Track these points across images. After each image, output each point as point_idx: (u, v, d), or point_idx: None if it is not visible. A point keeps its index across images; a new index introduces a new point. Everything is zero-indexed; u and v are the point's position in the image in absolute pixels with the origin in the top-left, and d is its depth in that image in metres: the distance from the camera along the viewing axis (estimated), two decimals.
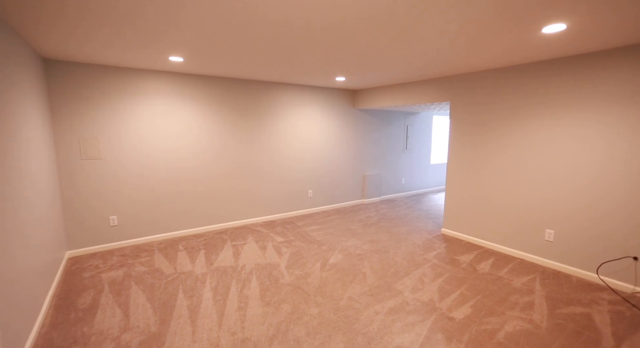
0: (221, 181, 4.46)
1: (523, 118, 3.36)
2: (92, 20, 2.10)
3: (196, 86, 4.11)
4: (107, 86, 3.55)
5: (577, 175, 3.00)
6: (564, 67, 3.02)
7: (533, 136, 3.30)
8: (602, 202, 2.85)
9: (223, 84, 4.31)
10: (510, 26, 2.18)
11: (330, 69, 3.70)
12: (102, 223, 3.67)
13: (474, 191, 3.92)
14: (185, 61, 3.33)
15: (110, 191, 3.68)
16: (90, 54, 3.00)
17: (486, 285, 2.89)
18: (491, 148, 3.69)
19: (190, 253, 3.64)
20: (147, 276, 3.07)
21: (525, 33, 2.32)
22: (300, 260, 3.48)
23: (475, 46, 2.66)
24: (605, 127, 2.80)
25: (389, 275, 3.10)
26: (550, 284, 2.90)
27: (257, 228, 4.57)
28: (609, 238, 2.83)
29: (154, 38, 2.50)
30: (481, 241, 3.89)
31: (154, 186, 3.95)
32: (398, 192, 6.75)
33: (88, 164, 3.54)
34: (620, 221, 2.75)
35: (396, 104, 4.85)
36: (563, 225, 3.13)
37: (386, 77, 4.27)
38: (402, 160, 6.71)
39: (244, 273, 3.15)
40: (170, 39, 2.53)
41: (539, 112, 3.23)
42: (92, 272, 3.14)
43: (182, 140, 4.08)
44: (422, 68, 3.61)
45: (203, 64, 3.44)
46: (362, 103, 5.54)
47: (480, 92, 3.73)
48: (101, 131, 3.56)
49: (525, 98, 3.32)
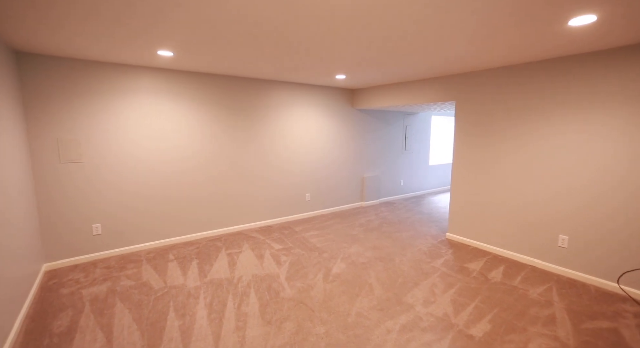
0: (214, 185, 4.19)
1: (535, 118, 3.20)
2: (66, 6, 1.83)
3: (187, 84, 3.84)
4: (90, 82, 3.24)
5: (596, 179, 2.85)
6: (584, 64, 2.86)
7: (546, 137, 3.14)
8: (624, 208, 2.71)
9: (216, 82, 4.05)
10: (534, 19, 1.99)
11: (331, 65, 3.47)
12: (84, 231, 3.37)
13: (481, 195, 3.76)
14: (175, 56, 3.06)
15: (93, 197, 3.38)
16: (67, 46, 2.70)
17: (501, 296, 2.71)
18: (500, 149, 3.53)
19: (182, 264, 3.36)
20: (133, 291, 2.79)
21: (549, 26, 2.14)
22: (301, 270, 3.24)
23: (493, 41, 2.48)
24: (633, 128, 2.65)
25: (397, 286, 2.90)
26: (569, 294, 2.74)
27: (253, 235, 4.31)
28: (631, 245, 2.69)
29: (140, 28, 2.23)
30: (489, 246, 3.73)
31: (142, 190, 3.66)
32: (397, 194, 6.58)
33: (67, 168, 3.23)
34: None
35: (398, 103, 4.66)
36: (578, 230, 2.98)
37: (389, 76, 4.07)
38: (400, 161, 6.53)
39: (240, 286, 2.90)
40: (158, 30, 2.27)
41: (553, 112, 3.07)
42: (72, 288, 2.84)
43: (171, 141, 3.80)
44: (429, 66, 3.42)
45: (194, 59, 3.17)
46: (361, 103, 5.34)
47: (489, 91, 3.57)
48: (82, 132, 3.26)
49: (539, 97, 3.16)
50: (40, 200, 3.12)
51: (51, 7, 1.87)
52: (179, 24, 2.14)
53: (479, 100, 3.67)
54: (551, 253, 3.19)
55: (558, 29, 2.20)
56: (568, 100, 2.96)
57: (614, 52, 2.66)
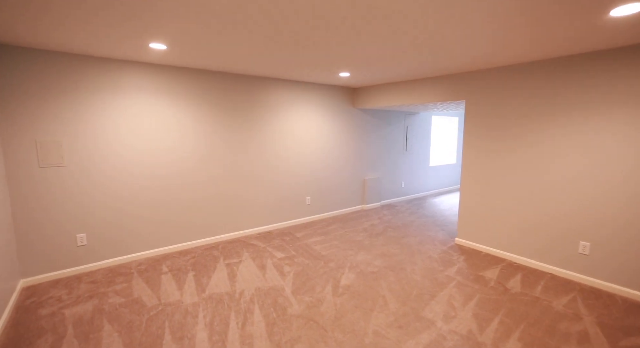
0: (210, 189, 3.91)
1: (554, 118, 3.04)
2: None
3: (181, 81, 3.55)
4: (74, 78, 2.93)
5: (619, 182, 2.70)
6: (617, 59, 2.71)
7: (568, 136, 2.98)
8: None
9: (212, 79, 3.77)
10: (572, 9, 1.81)
11: (336, 62, 3.25)
12: (67, 242, 3.05)
13: (493, 198, 3.59)
14: (169, 49, 2.78)
15: (77, 203, 3.06)
16: (48, 37, 2.40)
17: (526, 309, 2.53)
18: (514, 150, 3.36)
19: (177, 276, 3.08)
20: (123, 310, 2.50)
21: (587, 16, 1.96)
22: (308, 281, 3.01)
23: (517, 35, 2.29)
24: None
25: (412, 299, 2.69)
26: (596, 306, 2.58)
27: (253, 242, 4.05)
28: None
29: (130, 16, 1.96)
30: (502, 253, 3.56)
31: (132, 196, 3.36)
32: (398, 196, 6.40)
33: (48, 173, 2.91)
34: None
35: (404, 103, 4.47)
36: (600, 236, 2.83)
37: (396, 73, 3.87)
38: (401, 162, 6.35)
39: (243, 301, 2.64)
40: (148, 18, 2.00)
41: (574, 111, 2.92)
42: (53, 307, 2.54)
43: (164, 142, 3.51)
44: (443, 64, 3.23)
45: (189, 53, 2.90)
46: (363, 102, 5.12)
47: (503, 89, 3.40)
48: (65, 133, 2.94)
49: (560, 95, 3.00)
50: (17, 208, 2.79)
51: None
52: (172, 13, 1.88)
53: (490, 99, 3.50)
54: (571, 261, 3.03)
55: (594, 20, 2.02)
56: (592, 99, 2.80)
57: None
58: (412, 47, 2.67)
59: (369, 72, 3.84)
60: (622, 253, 2.73)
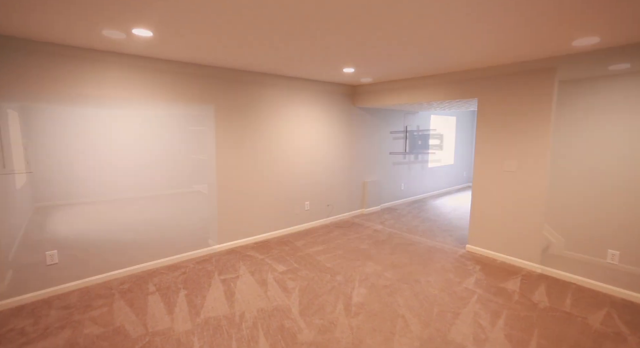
0: (201, 194, 3.52)
1: (574, 116, 2.83)
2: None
3: (168, 75, 3.16)
4: (42, 72, 2.51)
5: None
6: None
7: (589, 132, 2.78)
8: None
9: (204, 73, 3.39)
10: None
11: (342, 56, 2.94)
12: (34, 261, 2.62)
13: (508, 202, 3.36)
14: (155, 36, 2.40)
15: (47, 216, 2.64)
16: (10, 22, 1.98)
17: (561, 328, 2.29)
18: (529, 151, 3.14)
19: (166, 297, 2.70)
20: (103, 344, 2.11)
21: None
22: (316, 299, 2.68)
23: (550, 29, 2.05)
24: None
25: (435, 318, 2.41)
26: (635, 323, 2.37)
27: (249, 253, 3.69)
28: None
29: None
30: (519, 261, 3.34)
31: (111, 204, 2.94)
32: (398, 199, 6.15)
33: (11, 180, 2.47)
34: None
35: (410, 101, 4.20)
36: (630, 244, 2.63)
37: (404, 69, 3.59)
38: (401, 163, 6.11)
39: (245, 327, 2.30)
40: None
41: (594, 107, 2.71)
42: (12, 344, 2.11)
43: (148, 143, 3.10)
44: (456, 60, 2.97)
45: (178, 41, 2.52)
46: (364, 101, 4.84)
47: (517, 87, 3.17)
48: (31, 135, 2.51)
49: (581, 93, 2.80)
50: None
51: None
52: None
53: (506, 98, 3.27)
54: (599, 270, 2.83)
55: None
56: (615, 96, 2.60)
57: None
58: (419, 42, 2.38)
59: (375, 68, 3.54)
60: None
